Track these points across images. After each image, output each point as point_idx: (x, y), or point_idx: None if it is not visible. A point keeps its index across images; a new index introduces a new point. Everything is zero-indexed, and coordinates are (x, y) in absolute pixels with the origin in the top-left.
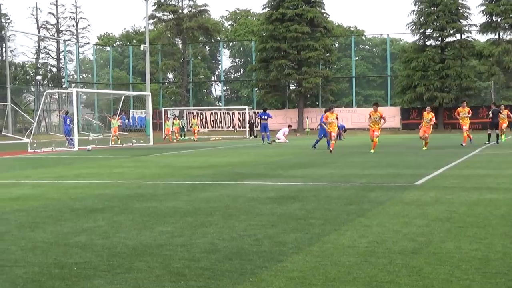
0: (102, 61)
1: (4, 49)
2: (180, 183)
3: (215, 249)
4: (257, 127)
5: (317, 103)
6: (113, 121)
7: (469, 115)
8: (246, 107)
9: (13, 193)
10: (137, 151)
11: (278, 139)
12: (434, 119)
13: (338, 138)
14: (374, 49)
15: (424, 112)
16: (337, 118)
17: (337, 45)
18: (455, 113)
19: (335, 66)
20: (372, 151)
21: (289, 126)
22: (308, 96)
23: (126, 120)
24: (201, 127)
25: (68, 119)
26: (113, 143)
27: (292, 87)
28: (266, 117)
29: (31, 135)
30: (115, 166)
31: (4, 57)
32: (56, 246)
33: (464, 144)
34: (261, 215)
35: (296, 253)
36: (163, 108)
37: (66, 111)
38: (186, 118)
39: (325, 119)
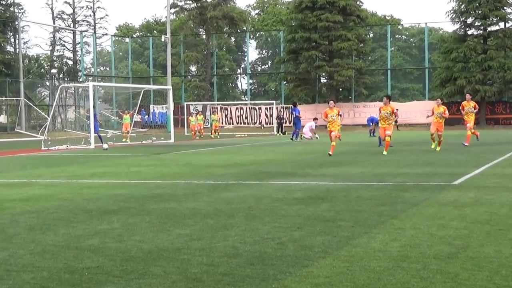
0: (120, 53)
1: (17, 41)
2: (201, 183)
3: (236, 253)
4: (286, 122)
5: (349, 97)
6: (124, 116)
7: (475, 110)
8: (274, 101)
9: (24, 193)
10: (157, 148)
11: (305, 135)
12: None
13: (371, 134)
14: (411, 39)
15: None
16: (339, 115)
17: (371, 35)
18: (460, 108)
19: (369, 57)
20: (385, 152)
21: (315, 119)
22: (340, 89)
23: (146, 116)
24: (226, 123)
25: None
26: (125, 140)
27: (323, 80)
28: (296, 113)
29: (45, 132)
30: (133, 164)
31: (17, 49)
32: (67, 250)
33: (466, 144)
34: (286, 217)
35: (322, 258)
36: (185, 103)
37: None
38: (210, 114)
39: (325, 116)
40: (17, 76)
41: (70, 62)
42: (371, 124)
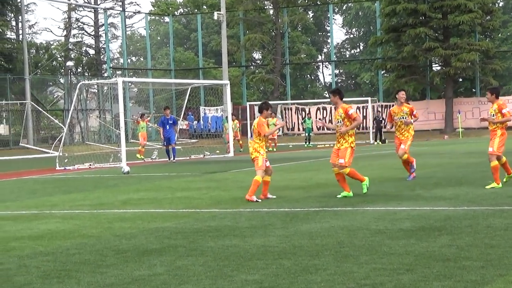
0: (159, 38)
1: (20, 24)
2: (273, 211)
3: None
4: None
5: (473, 90)
6: (141, 123)
7: (412, 120)
8: (369, 98)
9: (34, 229)
10: (211, 165)
11: None
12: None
13: None
14: None
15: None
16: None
17: (501, 3)
18: (387, 115)
19: (499, 35)
20: (410, 177)
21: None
22: (460, 80)
23: (195, 122)
24: (301, 129)
25: (171, 119)
26: (140, 156)
27: (435, 67)
28: None
29: (60, 146)
30: (179, 188)
31: (20, 36)
32: None
33: (411, 178)
34: (390, 255)
35: None
36: (248, 103)
37: (166, 106)
38: (282, 116)
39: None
40: (21, 71)
41: (92, 51)
42: None
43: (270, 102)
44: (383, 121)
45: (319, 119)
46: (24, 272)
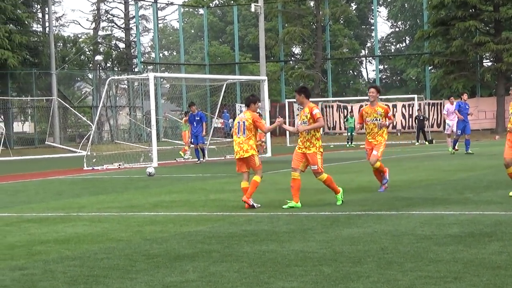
0: (192, 31)
1: (46, 16)
2: (312, 215)
3: None
4: (433, 126)
5: None
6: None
7: (388, 123)
8: (415, 96)
9: (61, 232)
10: None
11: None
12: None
13: None
14: None
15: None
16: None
17: None
18: (358, 116)
19: None
20: (381, 189)
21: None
22: None
23: (230, 120)
24: (343, 128)
25: (197, 116)
26: (185, 154)
27: (486, 63)
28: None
29: (88, 145)
30: (213, 189)
31: (47, 28)
32: None
33: (383, 189)
34: (437, 263)
35: None
36: (286, 100)
37: (191, 102)
38: (323, 114)
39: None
40: (47, 66)
41: (122, 45)
42: None
43: (310, 99)
44: (426, 120)
45: (279, 116)
46: (50, 277)
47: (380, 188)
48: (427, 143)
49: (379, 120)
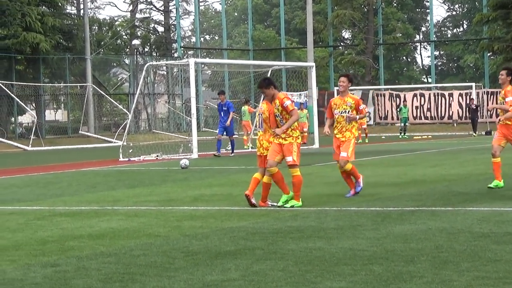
0: (236, 14)
1: None
2: (362, 210)
3: None
4: (483, 116)
5: None
6: (248, 108)
7: (358, 117)
8: (473, 84)
9: (95, 227)
10: None
11: None
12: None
13: None
14: None
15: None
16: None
17: None
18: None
19: None
20: (349, 194)
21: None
22: None
23: None
24: (396, 118)
25: (225, 106)
26: (246, 145)
27: None
28: None
29: (124, 134)
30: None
31: (81, 11)
32: None
33: (351, 194)
34: (496, 262)
35: None
36: (335, 88)
37: (221, 90)
38: (374, 103)
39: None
40: (82, 51)
41: (160, 29)
42: None
43: (361, 88)
44: (479, 110)
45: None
46: (83, 274)
47: (348, 193)
48: (474, 134)
49: (348, 113)
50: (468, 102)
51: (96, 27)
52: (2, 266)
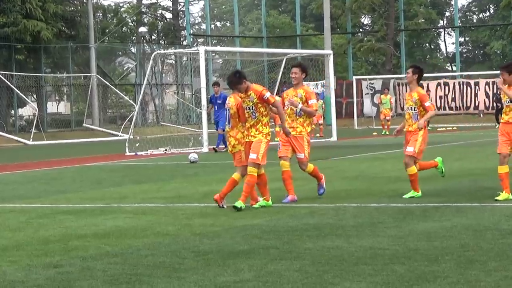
0: None
1: None
2: (383, 206)
3: None
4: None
5: None
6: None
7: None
8: (500, 72)
9: (100, 225)
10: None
11: None
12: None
13: None
14: None
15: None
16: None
17: None
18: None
19: None
20: (287, 199)
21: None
22: None
23: None
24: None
25: (219, 98)
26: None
27: None
28: None
29: (131, 127)
30: (271, 178)
31: None
32: None
33: (320, 192)
34: None
35: None
36: (354, 78)
37: (215, 82)
38: (395, 93)
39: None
40: (86, 39)
41: (169, 15)
42: None
43: (381, 77)
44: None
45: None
46: (88, 276)
47: (285, 198)
48: (496, 126)
49: (299, 105)
50: (495, 91)
51: (101, 14)
52: (2, 267)
